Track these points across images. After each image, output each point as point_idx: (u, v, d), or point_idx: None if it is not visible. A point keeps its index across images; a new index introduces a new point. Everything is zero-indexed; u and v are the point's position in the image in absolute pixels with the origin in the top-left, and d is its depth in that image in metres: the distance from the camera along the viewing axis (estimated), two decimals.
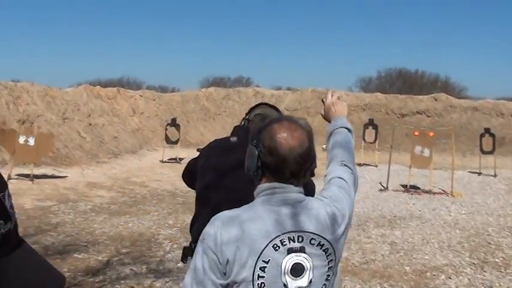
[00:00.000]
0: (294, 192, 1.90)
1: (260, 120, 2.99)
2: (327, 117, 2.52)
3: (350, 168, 2.18)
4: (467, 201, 12.04)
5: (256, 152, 1.91)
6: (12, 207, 1.19)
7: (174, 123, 18.97)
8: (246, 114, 3.25)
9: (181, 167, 14.65)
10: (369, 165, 18.11)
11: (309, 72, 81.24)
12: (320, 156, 2.21)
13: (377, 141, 19.65)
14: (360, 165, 17.80)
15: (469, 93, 46.58)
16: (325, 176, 2.16)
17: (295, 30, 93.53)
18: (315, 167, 1.95)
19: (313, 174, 1.98)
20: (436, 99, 27.18)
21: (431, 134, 14.05)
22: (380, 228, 9.25)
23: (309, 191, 2.34)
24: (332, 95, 2.56)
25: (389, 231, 9.00)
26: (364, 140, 19.47)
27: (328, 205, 1.93)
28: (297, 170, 1.87)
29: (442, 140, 21.22)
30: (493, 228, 9.50)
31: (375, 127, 19.95)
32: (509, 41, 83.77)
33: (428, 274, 6.80)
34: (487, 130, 18.31)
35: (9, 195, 1.19)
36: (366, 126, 20.10)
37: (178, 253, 6.85)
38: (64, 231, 8.23)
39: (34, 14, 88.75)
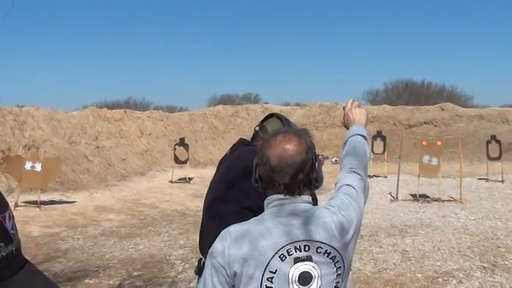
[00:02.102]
0: (302, 202, 1.92)
1: (264, 134, 3.08)
2: (346, 125, 2.49)
3: (359, 175, 2.15)
4: (476, 207, 12.09)
5: (255, 164, 1.97)
6: (14, 227, 1.16)
7: (182, 142, 18.95)
8: (257, 126, 3.29)
9: (191, 186, 14.77)
10: (378, 176, 18.16)
11: (316, 87, 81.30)
12: (329, 170, 2.34)
13: (386, 153, 19.73)
14: (369, 176, 17.81)
15: (475, 101, 46.51)
16: (336, 184, 2.15)
17: (301, 46, 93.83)
18: (316, 179, 1.95)
19: (315, 187, 1.98)
20: (442, 109, 27.25)
21: (438, 143, 14.15)
22: (391, 237, 9.32)
23: (314, 200, 2.41)
24: (352, 104, 2.54)
25: (400, 240, 9.06)
26: (372, 151, 19.51)
27: (335, 213, 1.92)
28: (290, 182, 1.88)
29: (449, 148, 21.27)
30: (501, 232, 9.55)
31: (383, 138, 20.06)
32: None
33: (440, 280, 6.87)
34: (493, 137, 18.36)
35: (11, 216, 1.15)
36: (374, 138, 20.17)
37: (191, 273, 6.91)
38: (74, 257, 8.11)
39: (36, 37, 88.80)
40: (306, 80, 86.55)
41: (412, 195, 13.94)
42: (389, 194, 14.29)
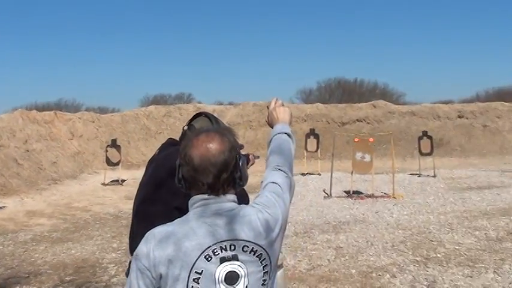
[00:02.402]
0: (227, 201, 1.91)
1: (192, 133, 2.99)
2: (270, 124, 2.50)
3: (285, 172, 2.15)
4: (409, 202, 12.25)
5: (178, 164, 1.93)
6: None
7: (114, 144, 18.53)
8: (185, 125, 3.24)
9: (124, 188, 14.44)
10: (312, 174, 18.22)
11: (250, 86, 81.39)
12: (262, 169, 2.21)
13: (319, 150, 19.84)
14: (303, 174, 17.97)
15: (407, 98, 47.60)
16: (261, 182, 2.15)
17: (234, 45, 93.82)
18: (240, 178, 1.94)
19: (239, 186, 1.96)
20: (375, 106, 27.68)
21: (371, 139, 14.25)
22: (325, 234, 9.29)
23: (242, 199, 2.32)
24: (276, 102, 2.55)
25: (335, 236, 9.04)
26: (306, 149, 19.64)
27: (260, 211, 1.92)
28: (213, 182, 1.87)
29: (382, 145, 21.65)
30: (434, 225, 9.68)
31: (316, 136, 20.15)
32: (444, 45, 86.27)
33: (374, 275, 6.86)
34: (425, 133, 18.71)
35: None
36: (307, 136, 20.25)
37: (124, 276, 6.72)
38: (4, 264, 7.90)
39: None
40: (239, 79, 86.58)
41: (345, 192, 14.03)
42: (323, 191, 14.35)
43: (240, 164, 1.95)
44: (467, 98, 41.02)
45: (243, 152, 2.33)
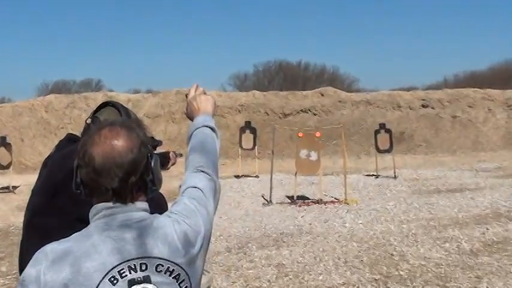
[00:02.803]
0: (137, 210, 1.90)
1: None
2: (190, 116, 2.53)
3: (208, 174, 2.17)
4: (364, 209, 12.42)
5: (75, 166, 1.90)
6: None
7: (3, 142, 18.15)
8: (88, 117, 3.24)
9: (16, 197, 14.17)
10: (248, 176, 18.29)
11: (172, 72, 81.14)
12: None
13: (256, 148, 19.88)
14: (237, 177, 18.01)
15: (361, 85, 48.53)
16: (180, 186, 2.16)
17: (152, 22, 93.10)
18: (152, 181, 1.93)
19: (152, 191, 1.96)
20: (322, 94, 28.01)
21: (317, 134, 14.37)
22: (264, 249, 9.32)
23: (159, 208, 2.29)
24: (196, 90, 2.60)
25: (276, 252, 9.08)
26: (241, 147, 19.65)
27: (178, 222, 1.92)
28: (120, 186, 1.85)
29: (331, 140, 21.93)
30: (395, 237, 9.84)
31: (253, 131, 20.17)
32: (404, 22, 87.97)
33: None
34: (382, 126, 19.00)
35: None
36: (242, 130, 20.24)
37: None
38: None
39: None
40: (159, 63, 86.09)
41: (288, 197, 14.13)
42: (262, 196, 14.41)
43: (152, 164, 1.93)
44: (433, 84, 42.21)
45: (162, 149, 2.30)
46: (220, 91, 32.10)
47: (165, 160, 3.89)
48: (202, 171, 2.16)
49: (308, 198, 13.88)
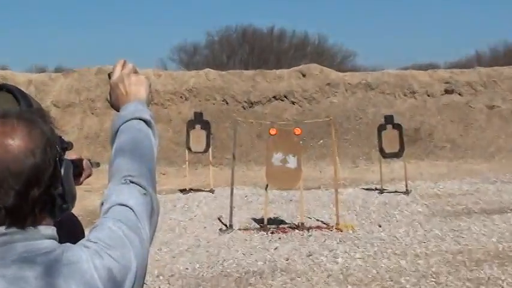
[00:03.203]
0: (40, 238, 1.87)
1: None
2: (114, 105, 2.52)
3: (141, 186, 2.15)
4: (364, 237, 12.46)
5: None
6: None
7: None
8: None
9: None
10: (199, 190, 18.28)
11: (92, 44, 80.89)
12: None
13: (210, 150, 19.81)
14: (184, 191, 17.96)
15: (359, 62, 48.69)
16: (101, 203, 2.12)
17: None
18: (62, 196, 1.95)
19: (62, 210, 1.97)
20: (304, 75, 28.11)
21: (297, 131, 14.28)
22: None
23: (72, 235, 2.25)
24: (123, 67, 2.57)
25: None
26: (188, 148, 19.54)
27: (98, 255, 1.89)
28: (15, 204, 1.81)
29: (317, 140, 21.94)
30: (407, 277, 9.87)
31: (206, 126, 20.07)
32: None
33: None
34: (389, 119, 18.92)
35: None
36: (190, 125, 20.08)
37: None
38: None
39: None
40: (73, 32, 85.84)
41: (256, 220, 14.15)
42: (219, 219, 14.42)
43: (63, 172, 1.94)
44: (461, 60, 42.29)
45: (72, 154, 2.26)
46: (159, 69, 32.03)
47: (77, 171, 3.80)
48: (134, 183, 2.13)
49: (284, 222, 13.89)
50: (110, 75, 2.57)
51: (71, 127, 24.58)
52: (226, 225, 13.79)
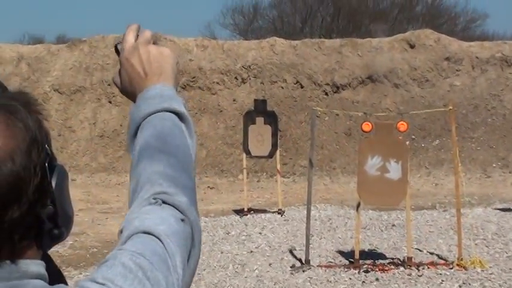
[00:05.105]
0: (21, 278, 1.82)
1: None
2: (127, 90, 2.43)
3: (175, 206, 2.06)
4: (498, 278, 12.40)
5: None
6: None
7: None
8: None
9: None
10: (263, 211, 18.32)
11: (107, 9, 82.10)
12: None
13: (278, 153, 19.81)
14: (240, 213, 18.01)
15: (491, 26, 48.80)
16: (120, 232, 2.03)
17: None
18: (53, 217, 1.90)
19: (53, 238, 1.93)
20: (412, 46, 28.08)
21: (402, 126, 14.26)
22: None
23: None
24: (137, 35, 2.45)
25: None
26: (246, 152, 19.59)
27: None
28: None
29: (430, 138, 21.87)
30: None
31: (271, 119, 20.11)
32: None
33: None
34: None
35: None
36: (249, 117, 20.14)
37: None
38: None
39: None
40: None
41: (344, 253, 14.11)
42: (290, 252, 14.41)
43: (54, 184, 1.90)
44: None
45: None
46: (205, 38, 32.13)
47: None
48: (167, 203, 2.05)
49: (384, 257, 13.89)
50: (117, 48, 2.45)
51: (79, 121, 24.75)
52: (301, 261, 13.81)
